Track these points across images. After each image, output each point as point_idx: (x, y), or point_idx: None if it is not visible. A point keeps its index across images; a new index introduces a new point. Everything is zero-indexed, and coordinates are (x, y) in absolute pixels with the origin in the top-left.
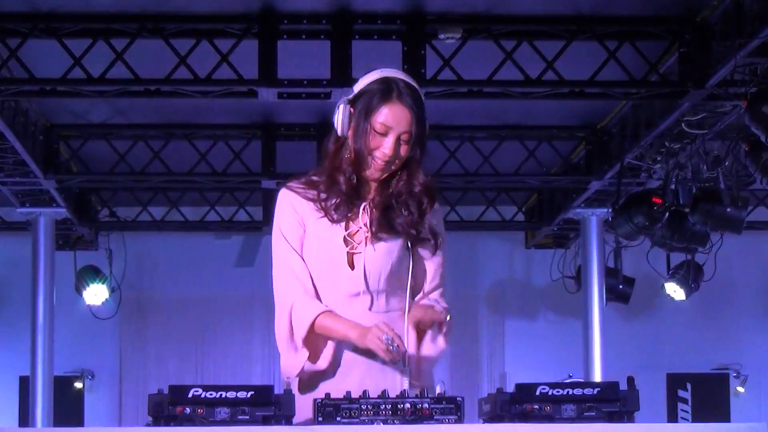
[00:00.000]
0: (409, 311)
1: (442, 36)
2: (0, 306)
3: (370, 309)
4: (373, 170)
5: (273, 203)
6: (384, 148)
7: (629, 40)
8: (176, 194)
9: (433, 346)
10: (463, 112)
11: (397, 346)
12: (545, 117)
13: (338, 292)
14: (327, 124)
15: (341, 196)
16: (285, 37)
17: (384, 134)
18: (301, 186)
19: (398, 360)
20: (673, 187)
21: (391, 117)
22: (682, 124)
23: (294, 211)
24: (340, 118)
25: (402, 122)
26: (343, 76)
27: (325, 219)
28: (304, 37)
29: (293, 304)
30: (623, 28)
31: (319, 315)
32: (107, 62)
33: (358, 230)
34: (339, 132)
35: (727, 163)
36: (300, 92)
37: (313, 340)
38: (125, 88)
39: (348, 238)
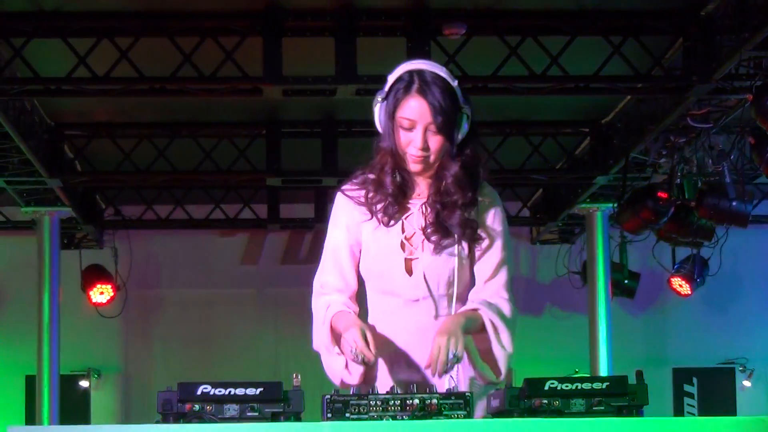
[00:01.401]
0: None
1: (446, 32)
2: (6, 305)
3: (435, 317)
4: (413, 165)
5: (278, 201)
6: (414, 143)
7: (633, 35)
8: (181, 192)
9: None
10: None
11: (363, 356)
12: (550, 112)
13: (398, 298)
14: (332, 121)
15: (388, 197)
16: (289, 34)
17: (410, 129)
18: (354, 188)
19: (369, 362)
20: (678, 181)
21: (413, 111)
22: (687, 119)
23: (348, 218)
24: (376, 117)
25: (425, 114)
26: (348, 73)
27: (377, 221)
28: (308, 34)
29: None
30: (627, 23)
31: (332, 318)
32: (112, 61)
33: (414, 233)
34: (380, 130)
35: (732, 157)
36: (305, 89)
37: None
38: (130, 87)
39: (405, 242)
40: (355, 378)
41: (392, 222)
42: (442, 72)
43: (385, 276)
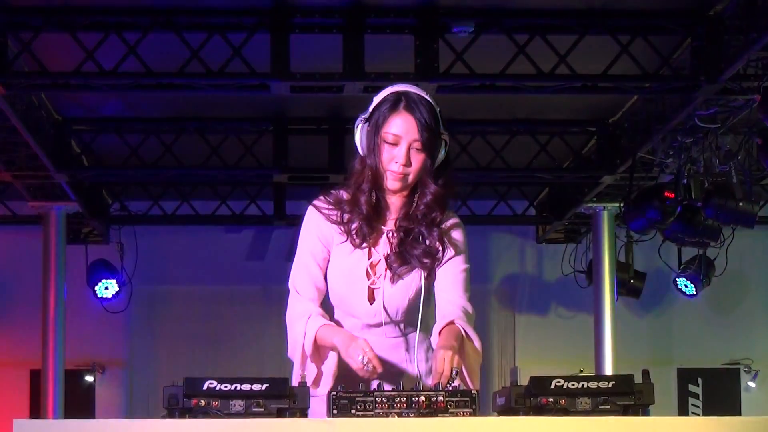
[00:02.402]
0: (420, 327)
1: (455, 30)
2: (11, 300)
3: (386, 336)
4: (391, 183)
5: (284, 197)
6: (397, 159)
7: (642, 34)
8: (188, 188)
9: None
10: (475, 106)
11: (373, 366)
12: (557, 111)
13: (357, 320)
14: (339, 118)
15: (363, 218)
16: (297, 30)
17: (395, 144)
18: (327, 206)
19: (374, 376)
20: (685, 181)
21: (399, 126)
22: (695, 119)
23: (319, 232)
24: (358, 137)
25: (411, 130)
26: (355, 70)
27: (348, 243)
28: (316, 30)
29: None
30: (636, 22)
31: (319, 328)
32: (119, 56)
33: (380, 261)
34: (360, 151)
35: (739, 158)
36: (312, 86)
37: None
38: (137, 82)
39: (369, 271)
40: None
41: (364, 244)
42: (426, 95)
43: (346, 300)
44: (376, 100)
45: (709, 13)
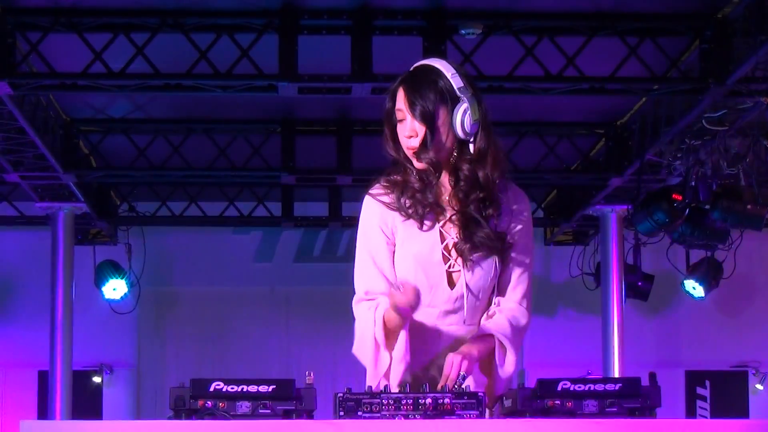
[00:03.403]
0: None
1: (462, 31)
2: (19, 301)
3: (464, 322)
4: (415, 163)
5: (292, 199)
6: (404, 131)
7: (650, 36)
8: (195, 189)
9: (501, 371)
10: None
11: (404, 289)
12: (565, 113)
13: (433, 309)
14: (347, 120)
15: (416, 194)
16: (305, 32)
17: (402, 120)
18: (383, 192)
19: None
20: (693, 183)
21: (399, 101)
22: (703, 121)
23: (380, 221)
24: None
25: (405, 102)
26: (363, 72)
27: (414, 226)
28: (324, 32)
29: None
30: (644, 24)
31: (386, 311)
32: (128, 57)
33: (454, 244)
34: None
35: (747, 160)
36: (320, 87)
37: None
38: (145, 83)
39: (446, 254)
40: (395, 379)
41: (427, 224)
42: (438, 63)
43: (424, 287)
44: None
45: (718, 16)
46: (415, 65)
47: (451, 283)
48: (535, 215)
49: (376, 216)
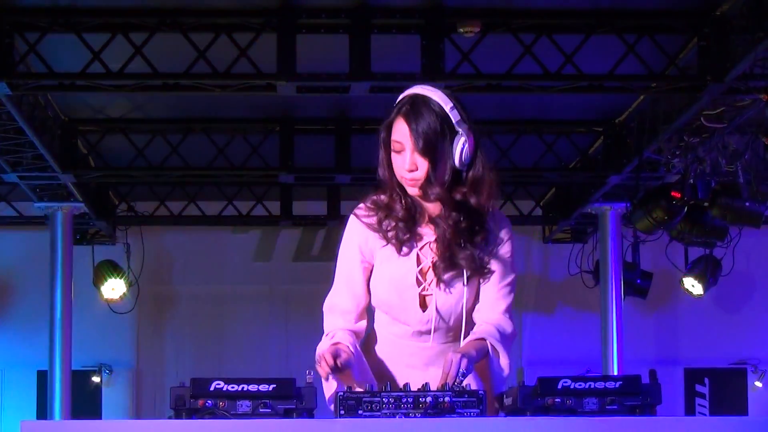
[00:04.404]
0: (464, 334)
1: (460, 30)
2: (18, 300)
3: (436, 342)
4: (410, 189)
5: (291, 198)
6: (403, 165)
7: (648, 34)
8: (194, 189)
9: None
10: (482, 106)
11: (324, 362)
12: (563, 111)
13: (407, 327)
14: (345, 119)
15: (399, 222)
16: (304, 31)
17: (400, 151)
18: (367, 213)
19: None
20: (691, 181)
21: (399, 133)
22: (701, 118)
23: (361, 240)
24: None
25: (409, 137)
26: (362, 70)
27: (392, 248)
28: (323, 31)
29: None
30: (642, 22)
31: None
32: (126, 57)
33: (429, 268)
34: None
35: (746, 157)
36: (319, 86)
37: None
38: (144, 83)
39: (419, 277)
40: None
41: (405, 249)
42: (435, 95)
43: (396, 308)
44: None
45: (716, 13)
46: (411, 93)
47: (423, 306)
48: (534, 213)
49: (357, 235)
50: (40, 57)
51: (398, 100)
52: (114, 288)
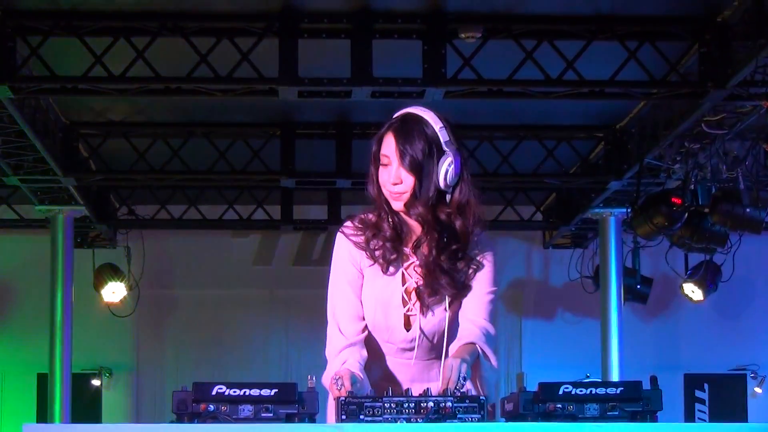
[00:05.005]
0: (445, 353)
1: (462, 35)
2: (19, 303)
3: (420, 358)
4: (394, 203)
5: (291, 202)
6: (389, 178)
7: (649, 40)
8: (195, 192)
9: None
10: (483, 112)
11: (342, 384)
12: (564, 117)
13: (391, 344)
14: (346, 123)
15: (386, 242)
16: (306, 35)
17: (387, 165)
18: (354, 232)
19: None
20: (692, 187)
21: (387, 147)
22: (702, 125)
23: (350, 257)
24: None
25: (395, 149)
26: (363, 75)
27: (378, 267)
28: (324, 35)
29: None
30: (643, 28)
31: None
32: (128, 60)
33: (414, 289)
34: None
35: (746, 164)
36: (320, 91)
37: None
38: (146, 87)
39: (405, 297)
40: None
41: (391, 269)
42: (426, 115)
43: (381, 326)
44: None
45: (717, 20)
46: (404, 112)
47: (408, 325)
48: (534, 218)
49: (347, 253)
50: (43, 60)
51: (392, 118)
52: (114, 291)
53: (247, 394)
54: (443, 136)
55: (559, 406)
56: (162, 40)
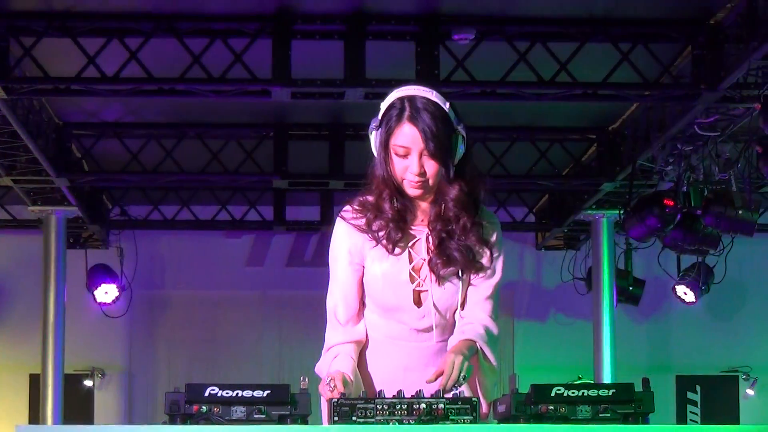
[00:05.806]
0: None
1: (455, 37)
2: (11, 304)
3: (436, 340)
4: (411, 191)
5: (284, 203)
6: (411, 169)
7: (642, 42)
8: (188, 193)
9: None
10: (476, 113)
11: (334, 385)
12: (557, 118)
13: (404, 326)
14: (339, 124)
15: (390, 222)
16: (299, 36)
17: (405, 156)
18: (354, 215)
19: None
20: (684, 189)
21: (406, 138)
22: (695, 127)
23: (350, 244)
24: (373, 144)
25: (418, 140)
26: (356, 77)
27: (382, 248)
28: (317, 37)
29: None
30: (637, 30)
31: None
32: (121, 61)
33: (422, 264)
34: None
35: (739, 166)
36: (313, 92)
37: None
38: (139, 87)
39: (413, 274)
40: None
41: (397, 249)
42: (433, 96)
43: (391, 306)
44: (384, 106)
45: (710, 22)
46: (408, 95)
47: (418, 302)
48: (527, 220)
49: (346, 238)
50: (36, 61)
51: (392, 102)
52: (107, 292)
53: (239, 395)
54: (452, 114)
55: (551, 407)
56: (155, 41)
